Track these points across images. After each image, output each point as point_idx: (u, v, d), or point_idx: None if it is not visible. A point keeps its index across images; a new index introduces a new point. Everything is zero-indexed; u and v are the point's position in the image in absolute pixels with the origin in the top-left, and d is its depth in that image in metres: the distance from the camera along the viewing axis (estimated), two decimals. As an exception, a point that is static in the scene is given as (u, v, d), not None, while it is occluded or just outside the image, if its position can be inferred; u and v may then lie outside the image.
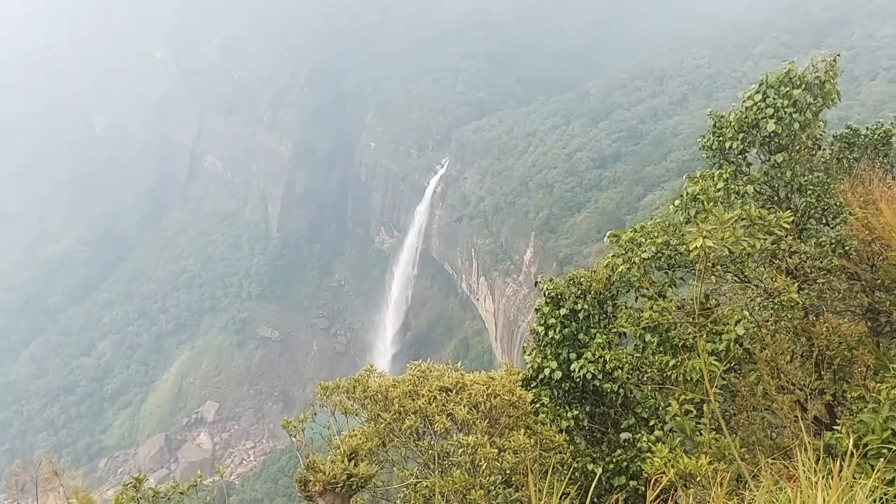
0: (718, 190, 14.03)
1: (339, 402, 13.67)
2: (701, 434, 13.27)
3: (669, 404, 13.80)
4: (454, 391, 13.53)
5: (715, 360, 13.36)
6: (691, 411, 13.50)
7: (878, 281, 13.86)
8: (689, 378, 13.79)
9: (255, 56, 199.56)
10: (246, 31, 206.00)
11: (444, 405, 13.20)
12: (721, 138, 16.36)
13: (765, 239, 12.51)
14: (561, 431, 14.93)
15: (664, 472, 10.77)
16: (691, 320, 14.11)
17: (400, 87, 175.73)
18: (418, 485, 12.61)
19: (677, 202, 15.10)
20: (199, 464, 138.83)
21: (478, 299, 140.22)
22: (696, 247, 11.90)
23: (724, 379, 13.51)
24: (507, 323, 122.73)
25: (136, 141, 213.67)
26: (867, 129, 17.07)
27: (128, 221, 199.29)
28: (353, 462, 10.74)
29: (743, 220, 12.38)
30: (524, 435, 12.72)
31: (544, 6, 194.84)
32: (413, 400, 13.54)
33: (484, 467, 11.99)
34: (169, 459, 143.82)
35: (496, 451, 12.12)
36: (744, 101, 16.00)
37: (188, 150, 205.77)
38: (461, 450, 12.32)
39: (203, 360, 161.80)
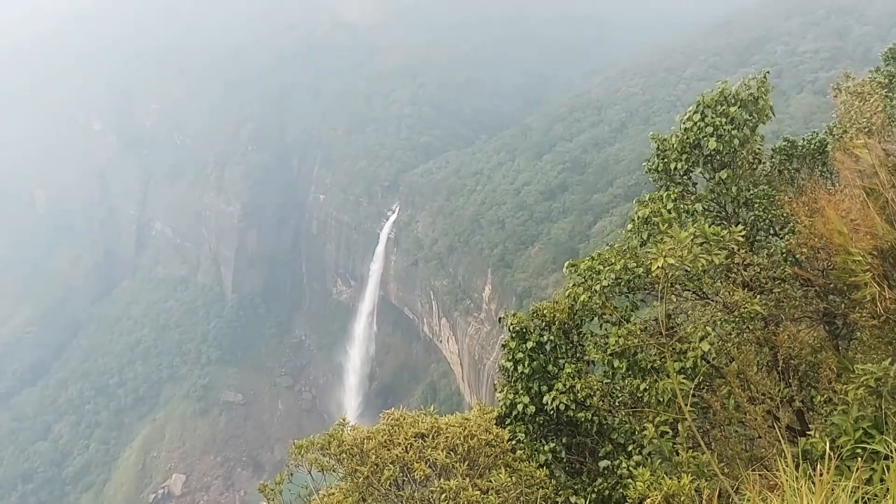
0: (670, 211, 14.34)
1: (315, 460, 13.37)
2: (679, 454, 13.29)
3: (645, 428, 13.81)
4: (430, 436, 13.37)
5: (684, 378, 13.47)
6: (667, 432, 13.54)
7: (831, 285, 14.25)
8: (661, 399, 13.85)
9: (196, 119, 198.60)
10: (184, 96, 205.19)
11: (421, 452, 13.02)
12: (665, 160, 16.75)
13: (720, 254, 12.79)
14: (540, 466, 14.80)
15: (648, 496, 10.74)
16: (656, 341, 14.24)
17: (344, 137, 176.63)
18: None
19: (630, 226, 15.36)
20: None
21: (441, 341, 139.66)
22: (658, 266, 12.10)
23: (695, 396, 13.62)
24: (473, 362, 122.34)
25: (80, 214, 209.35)
26: (804, 139, 17.70)
27: (77, 297, 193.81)
28: (334, 521, 10.50)
29: (698, 237, 12.65)
30: (505, 473, 12.60)
31: (477, 50, 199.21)
32: (389, 450, 13.33)
33: (468, 511, 11.82)
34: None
35: (478, 492, 11.97)
36: (683, 122, 16.43)
37: (134, 219, 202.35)
38: (443, 495, 12.13)
39: (166, 431, 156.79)
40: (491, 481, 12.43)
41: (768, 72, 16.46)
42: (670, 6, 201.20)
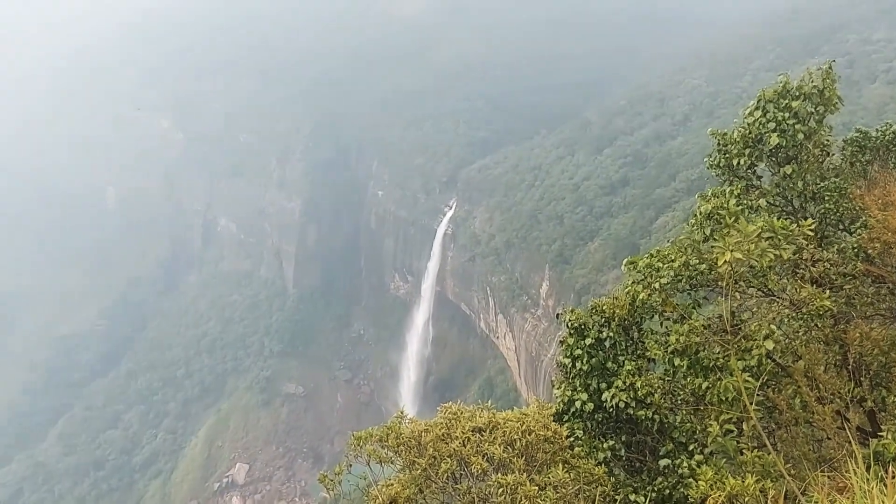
0: (735, 206, 14.02)
1: (373, 452, 13.57)
2: (743, 453, 13.01)
3: (708, 426, 13.56)
4: (488, 431, 13.41)
5: (748, 376, 13.18)
6: (731, 431, 13.26)
7: (905, 282, 13.72)
8: (724, 398, 13.57)
9: (258, 117, 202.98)
10: (248, 93, 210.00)
11: (478, 446, 13.07)
12: (727, 155, 16.38)
13: (788, 249, 12.44)
14: (599, 464, 14.68)
15: (710, 495, 10.56)
16: (719, 339, 13.95)
17: (402, 133, 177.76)
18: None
19: (692, 221, 15.07)
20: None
21: (498, 337, 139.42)
22: (725, 261, 11.84)
23: (760, 395, 13.30)
24: (530, 359, 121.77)
25: (149, 210, 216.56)
26: (877, 130, 17.03)
27: (146, 291, 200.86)
28: (393, 512, 10.65)
29: (766, 230, 12.33)
30: (563, 470, 12.53)
31: (534, 44, 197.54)
32: (447, 443, 13.42)
33: (526, 506, 11.82)
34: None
35: (536, 488, 11.94)
36: (745, 118, 16.06)
37: (200, 215, 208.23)
38: (500, 490, 12.14)
39: (230, 421, 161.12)
40: (549, 477, 12.39)
41: (833, 61, 15.91)
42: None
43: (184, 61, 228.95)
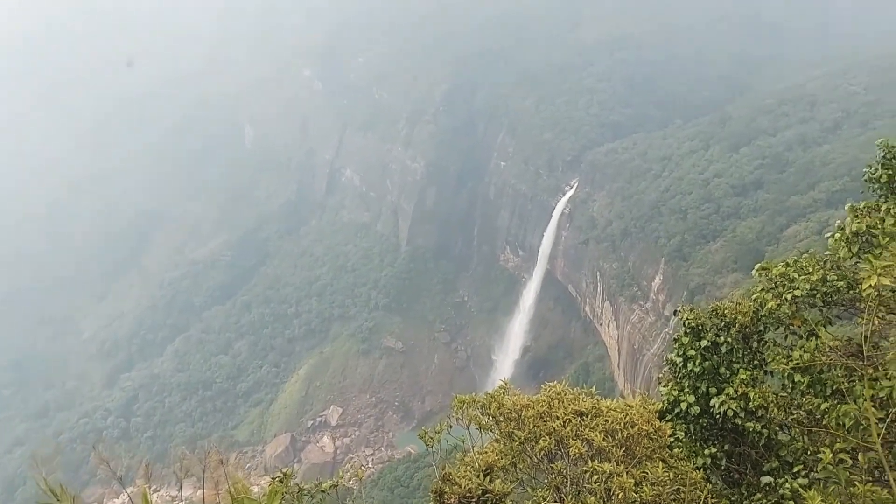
0: (893, 225, 13.15)
1: (474, 417, 13.88)
2: (854, 485, 12.39)
3: (819, 450, 12.98)
4: (589, 416, 13.40)
5: (874, 406, 12.49)
6: (845, 460, 12.64)
7: None
8: (842, 423, 12.95)
9: (395, 75, 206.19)
10: (388, 52, 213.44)
11: (578, 430, 13.10)
12: (890, 171, 15.31)
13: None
14: (697, 468, 14.39)
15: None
16: (846, 363, 13.28)
17: (533, 108, 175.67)
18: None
19: (837, 235, 14.28)
20: (321, 466, 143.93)
21: (601, 324, 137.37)
22: (870, 286, 11.20)
23: (884, 428, 12.58)
24: (632, 351, 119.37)
25: (281, 153, 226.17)
26: None
27: (269, 229, 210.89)
28: (488, 478, 10.91)
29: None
30: (662, 468, 12.38)
31: (685, 30, 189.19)
32: (546, 422, 13.52)
33: (620, 496, 11.78)
34: (293, 459, 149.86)
35: (632, 481, 11.88)
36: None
37: (328, 163, 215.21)
38: (594, 477, 12.15)
39: (330, 365, 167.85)
40: (647, 473, 12.28)
41: None
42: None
43: (332, 15, 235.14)
